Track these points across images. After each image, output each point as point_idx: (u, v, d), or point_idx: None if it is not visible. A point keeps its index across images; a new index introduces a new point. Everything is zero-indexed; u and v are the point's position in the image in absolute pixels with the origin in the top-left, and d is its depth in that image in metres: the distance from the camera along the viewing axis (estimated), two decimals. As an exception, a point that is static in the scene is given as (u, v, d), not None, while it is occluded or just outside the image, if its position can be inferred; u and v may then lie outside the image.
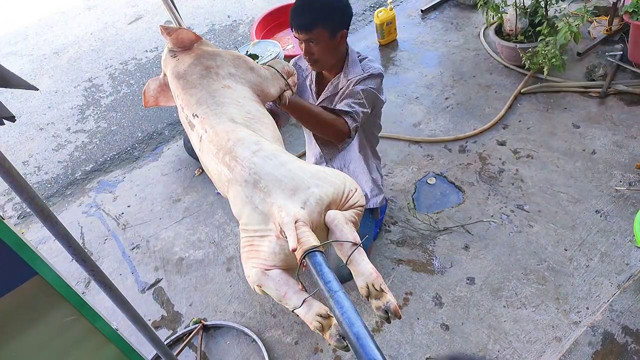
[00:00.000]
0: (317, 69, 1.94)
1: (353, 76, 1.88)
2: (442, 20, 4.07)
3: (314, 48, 1.77)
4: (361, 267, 0.87)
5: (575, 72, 3.16)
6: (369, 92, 1.83)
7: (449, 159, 2.83)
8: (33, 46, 5.40)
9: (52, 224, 1.13)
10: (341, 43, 1.84)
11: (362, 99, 1.79)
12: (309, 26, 1.71)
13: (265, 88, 1.32)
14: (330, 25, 1.73)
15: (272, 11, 4.03)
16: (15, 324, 1.18)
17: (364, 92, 1.81)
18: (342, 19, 1.77)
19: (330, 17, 1.72)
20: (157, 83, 1.44)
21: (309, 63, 1.87)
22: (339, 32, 1.77)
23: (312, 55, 1.81)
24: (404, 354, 2.01)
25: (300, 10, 1.74)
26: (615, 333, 1.87)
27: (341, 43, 1.84)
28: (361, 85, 1.83)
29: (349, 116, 1.71)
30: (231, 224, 2.75)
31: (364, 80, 1.84)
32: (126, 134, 3.71)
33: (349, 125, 1.70)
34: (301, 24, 1.72)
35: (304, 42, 1.78)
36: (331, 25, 1.73)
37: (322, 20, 1.70)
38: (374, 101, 1.88)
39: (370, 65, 1.90)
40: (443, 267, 2.28)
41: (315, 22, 1.70)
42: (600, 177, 2.50)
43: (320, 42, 1.75)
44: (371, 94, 1.84)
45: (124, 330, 1.46)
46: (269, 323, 2.23)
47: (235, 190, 0.99)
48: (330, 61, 1.87)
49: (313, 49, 1.78)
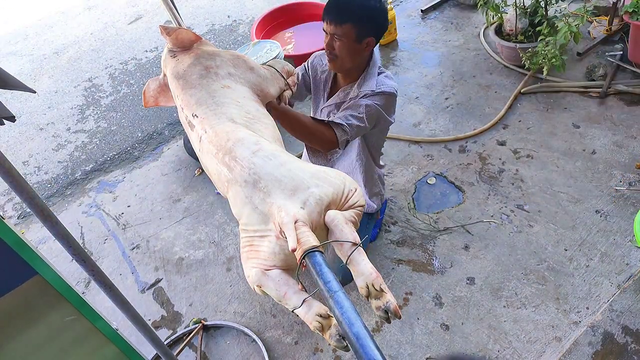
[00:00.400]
0: (333, 68, 1.91)
1: (365, 89, 1.85)
2: (442, 20, 4.07)
3: (337, 43, 1.76)
4: (361, 267, 0.87)
5: (575, 72, 3.16)
6: (374, 108, 1.80)
7: (449, 159, 2.83)
8: (33, 46, 5.40)
9: (52, 224, 1.13)
10: (365, 50, 1.81)
11: (362, 114, 1.76)
12: (340, 21, 1.70)
13: (265, 88, 1.32)
14: (359, 28, 1.72)
15: (272, 11, 4.03)
16: (15, 324, 1.18)
17: (367, 108, 1.78)
18: (373, 26, 1.75)
19: (362, 20, 1.71)
20: (157, 83, 1.44)
21: (328, 59, 1.84)
22: (366, 38, 1.76)
23: (333, 51, 1.79)
24: (404, 353, 2.01)
25: (336, 2, 1.73)
26: (615, 333, 1.87)
27: (365, 50, 1.81)
28: (367, 100, 1.80)
29: (340, 129, 1.69)
30: (231, 224, 2.75)
31: (373, 95, 1.82)
32: (126, 133, 3.71)
33: (337, 137, 1.68)
34: (333, 16, 1.72)
35: (329, 35, 1.77)
36: (360, 29, 1.72)
37: (353, 20, 1.70)
38: (377, 119, 1.85)
39: (385, 82, 1.86)
40: (443, 267, 2.28)
41: (346, 19, 1.70)
42: (600, 177, 2.50)
43: (344, 40, 1.74)
44: (375, 112, 1.81)
45: (124, 330, 1.46)
46: (269, 323, 2.23)
47: (235, 190, 0.99)
48: (348, 64, 1.84)
49: (336, 44, 1.77)
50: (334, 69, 1.93)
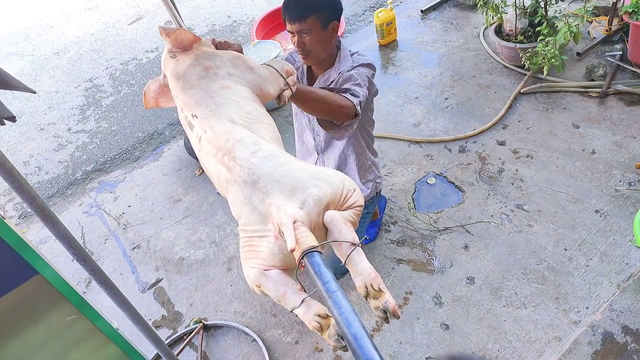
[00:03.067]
0: (309, 62, 1.97)
1: (344, 69, 1.92)
2: (442, 20, 4.08)
3: (306, 39, 1.82)
4: (360, 267, 0.87)
5: (575, 72, 3.16)
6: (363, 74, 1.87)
7: (449, 159, 2.83)
8: (34, 46, 5.41)
9: (53, 223, 1.13)
10: (333, 35, 1.88)
11: (357, 79, 1.82)
12: (302, 16, 1.76)
13: (265, 88, 1.32)
14: (322, 16, 1.78)
15: (272, 12, 4.04)
16: (16, 324, 1.18)
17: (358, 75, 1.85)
18: (333, 10, 1.82)
19: (322, 8, 1.78)
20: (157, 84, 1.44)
21: (302, 55, 1.91)
22: (330, 23, 1.82)
23: (305, 47, 1.85)
24: (404, 353, 2.01)
25: (293, 2, 1.80)
26: (615, 333, 1.87)
27: (333, 35, 1.88)
28: (354, 70, 1.88)
29: (349, 93, 1.75)
30: (232, 224, 2.75)
31: (354, 67, 1.89)
32: (127, 134, 3.72)
33: (351, 101, 1.72)
34: (294, 14, 1.78)
35: (296, 33, 1.82)
36: (323, 16, 1.78)
37: (315, 11, 1.76)
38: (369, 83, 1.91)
39: (361, 58, 1.94)
40: (443, 267, 2.28)
41: (308, 12, 1.76)
42: (600, 177, 2.50)
43: (312, 32, 1.80)
44: (366, 77, 1.87)
45: (124, 330, 1.46)
46: (270, 323, 2.24)
47: (234, 190, 0.99)
48: (322, 53, 1.90)
49: (305, 39, 1.82)
50: (310, 63, 1.98)
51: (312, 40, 1.82)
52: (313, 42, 1.82)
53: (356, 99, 1.74)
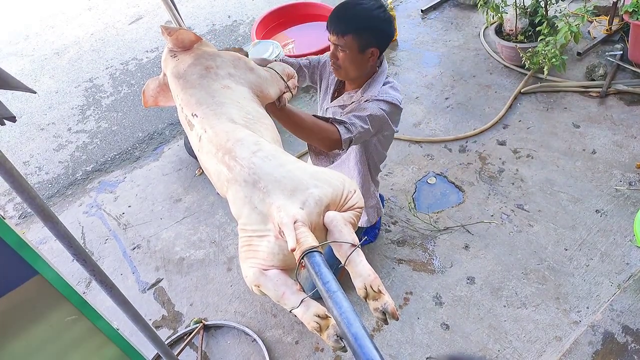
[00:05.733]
0: (338, 76, 1.90)
1: (368, 95, 1.84)
2: (442, 20, 4.07)
3: (340, 54, 1.75)
4: (359, 268, 0.87)
5: (575, 72, 3.16)
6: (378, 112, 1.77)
7: (449, 158, 2.83)
8: (34, 46, 5.41)
9: (53, 224, 1.13)
10: (370, 60, 1.80)
11: (366, 116, 1.73)
12: (341, 32, 1.69)
13: (265, 89, 1.32)
14: (361, 39, 1.70)
15: (273, 11, 4.03)
16: (16, 324, 1.18)
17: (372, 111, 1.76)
18: (376, 36, 1.73)
19: (365, 31, 1.69)
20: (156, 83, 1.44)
21: (332, 67, 1.84)
22: (369, 48, 1.74)
23: (337, 61, 1.78)
24: (404, 353, 2.01)
25: (338, 14, 1.72)
26: (616, 332, 1.87)
27: (370, 60, 1.80)
28: (372, 104, 1.78)
29: (344, 126, 1.65)
30: (232, 224, 2.75)
31: (377, 101, 1.80)
32: (127, 134, 3.72)
33: (340, 135, 1.63)
34: (335, 27, 1.71)
35: (333, 45, 1.76)
36: (363, 39, 1.70)
37: (355, 32, 1.68)
38: (381, 124, 1.81)
39: (389, 92, 1.83)
40: (443, 267, 2.28)
41: (348, 31, 1.68)
42: (601, 176, 2.50)
43: (347, 51, 1.73)
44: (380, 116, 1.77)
45: (124, 330, 1.46)
46: (270, 323, 2.24)
47: (235, 190, 0.99)
48: (352, 73, 1.82)
49: (339, 54, 1.76)
50: (339, 77, 1.92)
51: (346, 58, 1.75)
52: (346, 59, 1.76)
53: (347, 135, 1.64)
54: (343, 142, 1.65)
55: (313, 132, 1.61)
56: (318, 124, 1.62)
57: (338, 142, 1.64)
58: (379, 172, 2.22)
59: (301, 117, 1.57)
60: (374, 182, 2.20)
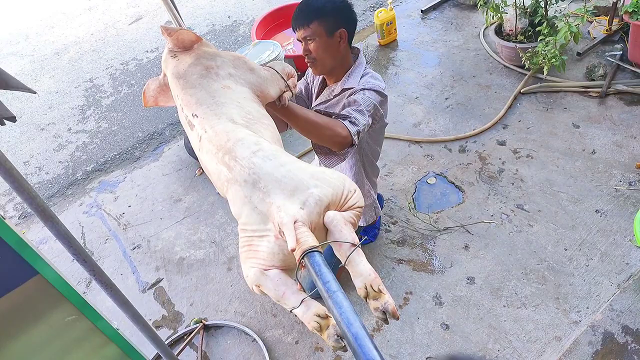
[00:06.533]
0: (316, 72, 1.91)
1: (349, 87, 1.84)
2: (442, 20, 4.08)
3: (311, 45, 1.78)
4: (360, 268, 0.87)
5: (575, 72, 3.16)
6: (368, 100, 1.77)
7: (449, 158, 2.83)
8: (34, 46, 5.41)
9: (53, 224, 1.13)
10: (341, 44, 1.82)
11: (360, 105, 1.72)
12: (306, 22, 1.74)
13: (265, 89, 1.32)
14: (327, 22, 1.74)
15: (272, 12, 4.04)
16: (16, 324, 1.19)
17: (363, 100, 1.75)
18: (340, 17, 1.77)
19: (327, 14, 1.74)
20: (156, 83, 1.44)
21: (308, 64, 1.85)
22: (337, 30, 1.77)
23: (310, 54, 1.81)
24: (404, 353, 2.01)
25: (298, 10, 1.78)
26: (615, 332, 1.87)
27: (341, 44, 1.82)
28: (359, 94, 1.78)
29: (348, 120, 1.64)
30: (232, 223, 2.75)
31: (362, 90, 1.80)
32: (127, 134, 3.72)
33: (348, 129, 1.62)
34: (299, 21, 1.76)
35: (302, 41, 1.79)
36: (328, 22, 1.74)
37: (318, 17, 1.73)
38: (374, 113, 1.80)
39: (370, 81, 1.84)
40: (443, 267, 2.28)
41: (312, 18, 1.73)
42: (600, 176, 2.50)
43: (316, 39, 1.76)
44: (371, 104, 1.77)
45: (124, 330, 1.46)
46: (270, 322, 2.24)
47: (235, 189, 0.99)
48: (328, 61, 1.84)
49: (310, 46, 1.79)
50: (318, 73, 1.94)
51: (317, 46, 1.77)
52: (317, 48, 1.78)
53: (354, 128, 1.63)
54: (352, 135, 1.62)
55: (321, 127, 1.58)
56: (324, 119, 1.60)
57: (348, 137, 1.62)
58: (376, 170, 2.22)
59: (306, 113, 1.56)
60: (369, 181, 2.18)
